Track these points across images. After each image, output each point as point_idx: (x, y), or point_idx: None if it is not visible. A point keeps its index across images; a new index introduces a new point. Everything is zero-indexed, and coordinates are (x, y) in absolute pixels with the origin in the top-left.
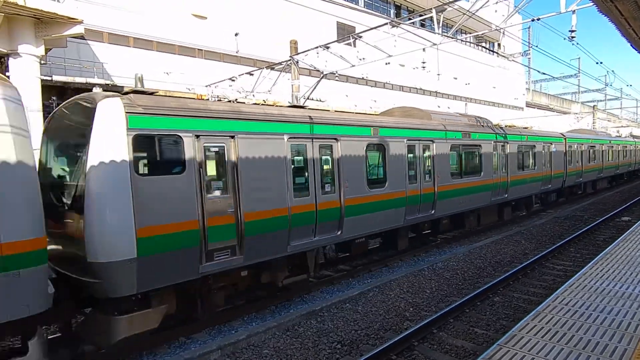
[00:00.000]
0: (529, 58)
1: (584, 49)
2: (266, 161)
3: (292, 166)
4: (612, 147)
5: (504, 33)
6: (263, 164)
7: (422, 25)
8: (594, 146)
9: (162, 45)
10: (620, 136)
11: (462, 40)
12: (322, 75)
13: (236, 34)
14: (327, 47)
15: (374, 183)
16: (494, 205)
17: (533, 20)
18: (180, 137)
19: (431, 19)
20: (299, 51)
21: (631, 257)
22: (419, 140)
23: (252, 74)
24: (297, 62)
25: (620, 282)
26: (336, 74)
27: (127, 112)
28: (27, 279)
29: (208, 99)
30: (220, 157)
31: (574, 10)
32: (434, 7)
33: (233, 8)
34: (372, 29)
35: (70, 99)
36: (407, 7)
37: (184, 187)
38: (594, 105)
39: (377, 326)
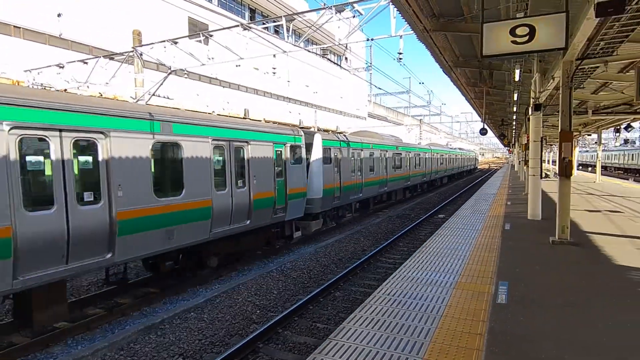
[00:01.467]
0: (371, 73)
1: (410, 70)
2: (349, 160)
3: (353, 161)
4: (449, 155)
5: (348, 48)
6: (348, 161)
7: (277, 32)
8: (443, 155)
9: None
10: (449, 146)
11: (310, 51)
12: (170, 71)
13: (59, 15)
14: (176, 42)
15: (370, 171)
16: (403, 187)
17: (368, 40)
18: (330, 148)
19: (282, 26)
20: (143, 43)
21: (441, 249)
22: (386, 151)
23: (86, 63)
24: (141, 54)
25: (431, 270)
26: (185, 72)
27: (322, 139)
28: (301, 202)
29: (29, 86)
30: (336, 157)
31: (401, 36)
32: (284, 16)
33: None
34: (224, 29)
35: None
36: (262, 12)
37: (332, 170)
38: (420, 119)
39: (223, 333)
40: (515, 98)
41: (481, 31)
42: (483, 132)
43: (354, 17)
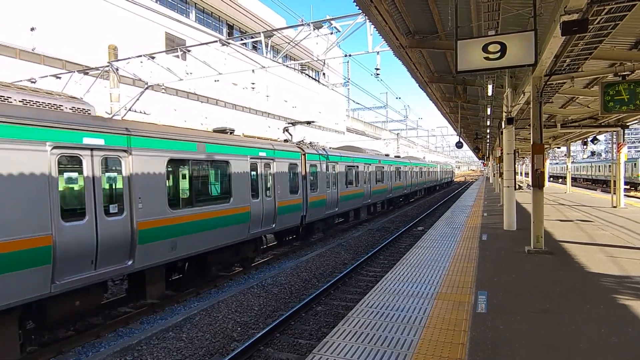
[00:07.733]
0: (349, 89)
1: (387, 85)
2: (338, 173)
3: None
4: (430, 168)
5: (326, 64)
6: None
7: (255, 48)
8: (429, 169)
9: None
10: (423, 160)
11: (288, 66)
12: (146, 86)
13: (32, 29)
14: (153, 57)
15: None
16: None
17: (346, 55)
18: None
19: (261, 42)
20: (119, 58)
21: (421, 261)
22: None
23: (59, 77)
24: (117, 69)
25: (411, 282)
26: (163, 86)
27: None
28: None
29: None
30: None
31: (378, 52)
32: (262, 32)
33: None
34: (202, 44)
35: None
36: (240, 28)
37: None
38: (397, 133)
39: (203, 352)
40: (488, 112)
41: (455, 48)
42: (459, 145)
43: (331, 33)
